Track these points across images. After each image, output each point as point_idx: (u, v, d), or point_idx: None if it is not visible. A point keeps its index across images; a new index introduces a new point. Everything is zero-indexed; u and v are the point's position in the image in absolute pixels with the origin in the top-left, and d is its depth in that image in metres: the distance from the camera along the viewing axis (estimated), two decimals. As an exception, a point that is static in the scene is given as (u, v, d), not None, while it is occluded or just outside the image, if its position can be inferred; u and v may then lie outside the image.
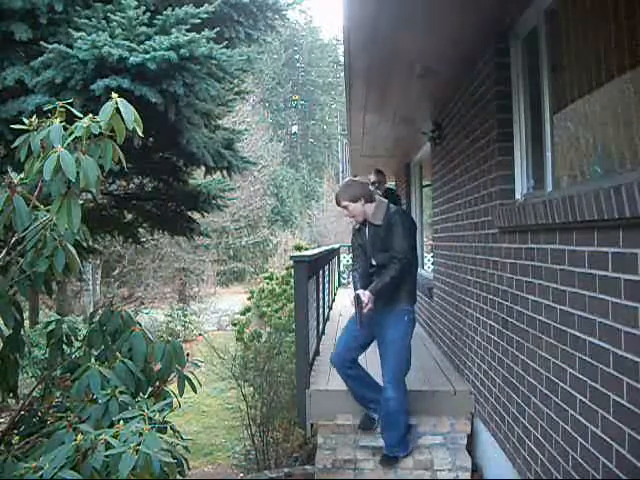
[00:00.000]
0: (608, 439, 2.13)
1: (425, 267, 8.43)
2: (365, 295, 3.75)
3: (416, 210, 8.79)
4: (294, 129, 50.11)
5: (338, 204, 4.06)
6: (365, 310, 3.73)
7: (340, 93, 41.91)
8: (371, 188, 5.46)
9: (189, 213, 7.14)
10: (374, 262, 3.98)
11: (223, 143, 6.15)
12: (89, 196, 5.30)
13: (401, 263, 3.79)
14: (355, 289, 3.93)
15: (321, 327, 6.33)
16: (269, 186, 28.36)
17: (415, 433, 4.18)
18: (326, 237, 27.22)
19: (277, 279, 10.75)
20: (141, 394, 2.34)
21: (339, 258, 13.69)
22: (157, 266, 17.76)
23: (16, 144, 2.09)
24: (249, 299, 11.24)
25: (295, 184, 38.84)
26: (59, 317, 2.58)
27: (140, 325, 2.50)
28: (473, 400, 4.26)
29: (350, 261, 14.96)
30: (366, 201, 3.93)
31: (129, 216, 7.33)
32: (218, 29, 4.84)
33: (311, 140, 49.78)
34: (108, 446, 1.75)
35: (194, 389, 2.45)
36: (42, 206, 2.15)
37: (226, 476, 6.92)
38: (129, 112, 1.99)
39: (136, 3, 4.53)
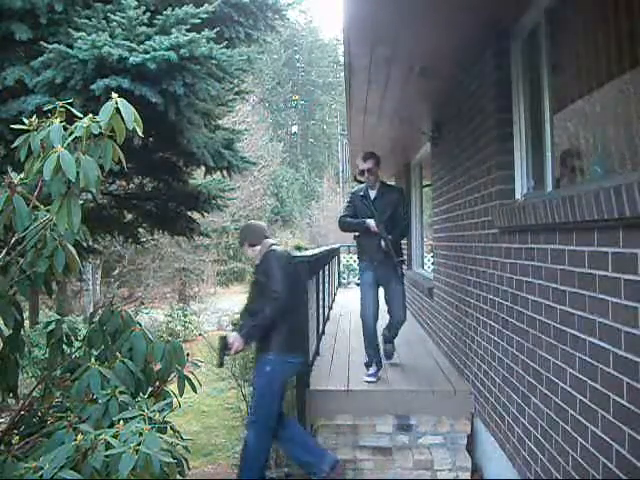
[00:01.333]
0: (608, 439, 2.13)
1: (425, 267, 8.44)
2: (232, 337, 3.74)
3: (416, 210, 8.79)
4: (294, 129, 50.12)
5: None
6: (232, 352, 3.72)
7: (340, 93, 41.91)
8: (360, 179, 5.09)
9: (189, 213, 7.13)
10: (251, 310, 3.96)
11: (223, 143, 6.15)
12: (89, 196, 5.29)
13: (274, 304, 3.65)
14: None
15: (321, 327, 6.33)
16: (269, 186, 28.36)
17: None
18: (326, 237, 27.21)
19: (277, 279, 10.71)
20: (141, 394, 2.34)
21: (339, 258, 13.71)
22: (157, 266, 17.75)
23: (16, 144, 2.08)
24: (249, 299, 11.20)
25: (295, 184, 38.86)
26: (59, 317, 2.58)
27: (140, 325, 2.49)
28: (473, 400, 4.26)
29: (349, 260, 15.01)
30: (249, 245, 3.97)
31: (129, 216, 7.33)
32: (218, 29, 4.83)
33: (311, 140, 49.79)
34: (108, 446, 1.75)
35: (194, 389, 2.44)
36: (42, 206, 2.14)
37: (226, 476, 6.91)
38: (129, 112, 1.99)
39: (136, 3, 4.53)
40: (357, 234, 4.85)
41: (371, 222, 4.60)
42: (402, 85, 4.87)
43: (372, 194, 4.76)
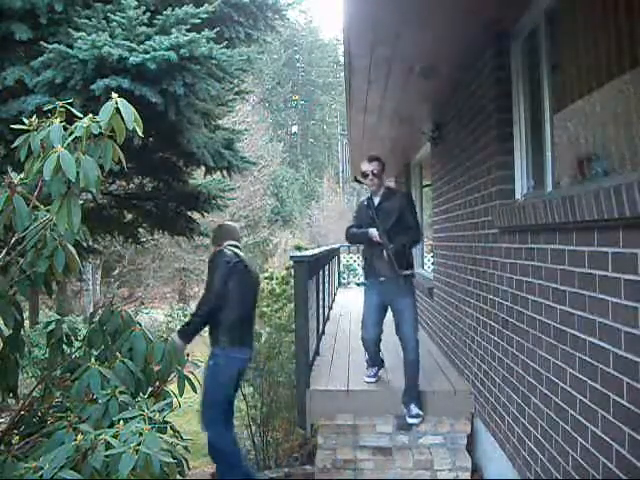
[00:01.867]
0: (608, 439, 2.13)
1: (425, 267, 8.43)
2: (169, 339, 3.90)
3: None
4: (294, 129, 50.10)
5: None
6: None
7: (340, 93, 41.91)
8: (364, 180, 4.74)
9: (189, 213, 7.13)
10: None
11: (223, 143, 6.14)
12: (89, 196, 5.30)
13: (203, 304, 3.92)
14: None
15: (321, 327, 6.33)
16: (269, 186, 28.32)
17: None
18: (326, 237, 27.21)
19: (277, 279, 10.73)
20: (141, 394, 2.34)
21: (339, 258, 13.70)
22: (157, 266, 17.77)
23: (16, 144, 2.08)
24: (249, 299, 11.20)
25: (295, 184, 38.80)
26: (59, 317, 2.58)
27: (140, 325, 2.49)
28: (473, 400, 4.26)
29: (349, 260, 15.00)
30: (215, 246, 4.21)
31: (129, 216, 7.32)
32: (218, 29, 4.83)
33: (311, 140, 49.78)
34: (108, 446, 1.75)
35: (194, 389, 2.45)
36: (42, 206, 2.14)
37: (226, 476, 6.90)
38: (129, 112, 1.98)
39: (136, 3, 4.52)
40: (363, 246, 4.55)
41: (373, 231, 4.22)
42: (402, 85, 4.87)
43: (375, 201, 4.39)
